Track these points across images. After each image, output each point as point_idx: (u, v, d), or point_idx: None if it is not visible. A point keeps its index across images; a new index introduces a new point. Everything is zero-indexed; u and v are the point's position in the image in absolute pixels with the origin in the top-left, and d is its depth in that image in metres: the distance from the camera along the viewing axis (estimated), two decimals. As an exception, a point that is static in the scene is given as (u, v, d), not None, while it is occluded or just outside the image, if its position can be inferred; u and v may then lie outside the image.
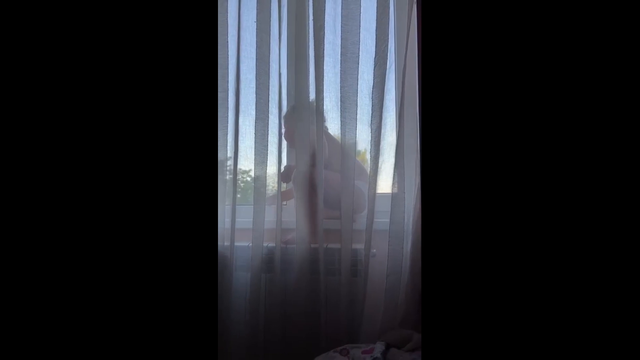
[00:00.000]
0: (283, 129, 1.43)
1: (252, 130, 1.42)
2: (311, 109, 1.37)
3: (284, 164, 1.44)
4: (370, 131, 1.30)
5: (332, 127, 1.38)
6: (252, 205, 1.41)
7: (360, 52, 1.31)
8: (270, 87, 1.40)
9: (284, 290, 1.35)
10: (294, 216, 1.38)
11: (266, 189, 1.42)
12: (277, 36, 1.41)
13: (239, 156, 1.45)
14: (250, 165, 1.43)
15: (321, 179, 1.34)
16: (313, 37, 1.35)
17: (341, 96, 1.31)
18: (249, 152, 1.44)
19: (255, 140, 1.41)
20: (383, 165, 1.31)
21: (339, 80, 1.32)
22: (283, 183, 1.46)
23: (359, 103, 1.31)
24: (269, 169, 1.42)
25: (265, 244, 1.39)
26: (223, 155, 1.48)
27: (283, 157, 1.43)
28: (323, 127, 1.37)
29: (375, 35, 1.29)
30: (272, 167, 1.42)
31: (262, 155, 1.41)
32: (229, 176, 1.46)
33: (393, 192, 1.28)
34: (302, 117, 1.38)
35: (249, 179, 1.47)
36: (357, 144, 1.34)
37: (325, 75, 1.34)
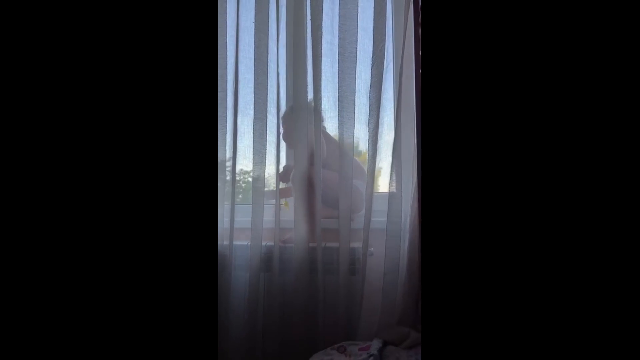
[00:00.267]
0: (281, 129, 1.44)
1: (251, 129, 1.43)
2: (309, 109, 1.37)
3: (282, 163, 1.45)
4: (367, 130, 1.31)
5: (330, 126, 1.39)
6: (251, 205, 1.41)
7: (357, 51, 1.32)
8: (268, 87, 1.41)
9: (282, 289, 1.36)
10: (292, 215, 1.38)
11: (264, 189, 1.43)
12: (275, 36, 1.42)
13: (238, 156, 1.46)
14: (250, 165, 1.44)
15: (319, 179, 1.35)
16: (311, 37, 1.36)
17: (339, 96, 1.32)
18: (248, 151, 1.45)
19: (253, 140, 1.42)
20: (380, 164, 1.32)
21: (336, 79, 1.33)
22: (281, 182, 1.46)
23: (356, 102, 1.32)
24: (267, 169, 1.42)
25: (264, 243, 1.40)
26: (223, 156, 1.49)
27: (282, 156, 1.44)
28: (321, 126, 1.38)
29: (372, 35, 1.30)
30: (270, 167, 1.43)
31: (261, 155, 1.42)
32: (229, 177, 1.47)
33: (390, 191, 1.28)
34: (300, 117, 1.39)
35: (250, 179, 1.48)
36: (355, 144, 1.34)
37: (323, 75, 1.35)
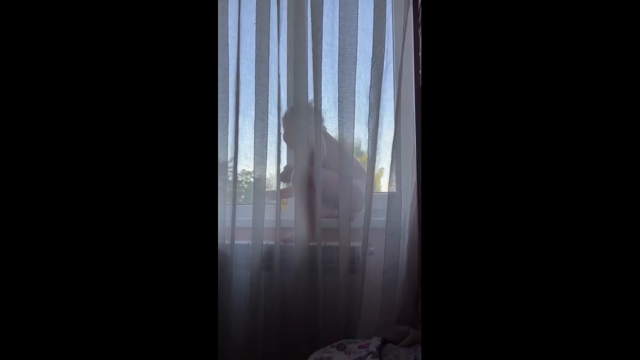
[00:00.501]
0: (282, 130, 1.45)
1: (252, 130, 1.45)
2: (309, 109, 1.39)
3: (283, 163, 1.47)
4: (367, 130, 1.32)
5: (330, 126, 1.40)
6: (252, 205, 1.43)
7: (357, 52, 1.33)
8: (269, 87, 1.42)
9: (283, 288, 1.37)
10: (293, 215, 1.40)
11: (265, 189, 1.44)
12: (276, 38, 1.44)
13: (239, 156, 1.48)
14: (252, 166, 1.46)
15: (319, 179, 1.36)
16: (311, 39, 1.37)
17: (339, 96, 1.34)
18: (249, 151, 1.46)
19: (254, 140, 1.44)
20: (380, 164, 1.33)
21: (337, 80, 1.34)
22: (282, 182, 1.47)
23: (356, 103, 1.33)
24: (268, 169, 1.44)
25: (264, 242, 1.41)
26: (224, 157, 1.51)
27: (282, 156, 1.45)
28: (321, 127, 1.39)
29: (372, 36, 1.31)
30: (271, 167, 1.44)
31: (262, 155, 1.43)
32: (231, 177, 1.48)
33: (390, 191, 1.29)
34: (300, 118, 1.40)
35: (251, 179, 1.49)
36: (355, 144, 1.36)
37: (323, 75, 1.36)
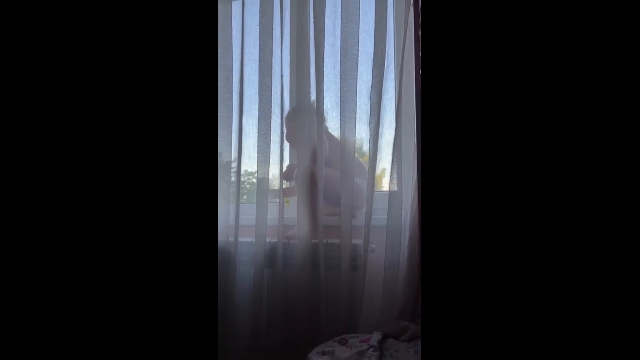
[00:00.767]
0: (285, 130, 1.48)
1: (255, 129, 1.48)
2: (312, 109, 1.41)
3: (285, 162, 1.49)
4: (368, 130, 1.34)
5: (332, 126, 1.42)
6: (255, 204, 1.45)
7: (359, 53, 1.36)
8: (272, 88, 1.45)
9: (285, 284, 1.39)
10: (295, 213, 1.42)
11: (268, 188, 1.47)
12: (280, 39, 1.46)
13: (243, 155, 1.50)
14: (254, 166, 1.49)
15: (321, 177, 1.38)
16: (314, 40, 1.40)
17: (341, 96, 1.36)
18: (252, 150, 1.49)
19: (258, 139, 1.47)
20: (381, 162, 1.35)
21: (338, 80, 1.37)
22: (285, 181, 1.50)
23: (358, 102, 1.36)
24: (271, 168, 1.46)
25: (267, 240, 1.43)
26: (228, 157, 1.54)
27: (285, 155, 1.48)
28: (323, 126, 1.42)
29: (373, 37, 1.34)
30: (274, 166, 1.47)
31: (265, 154, 1.46)
32: (234, 178, 1.51)
33: (391, 189, 1.31)
34: (303, 118, 1.43)
35: (254, 180, 1.52)
36: (357, 144, 1.38)
37: (325, 76, 1.39)
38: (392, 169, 1.32)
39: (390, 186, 1.32)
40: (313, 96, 1.41)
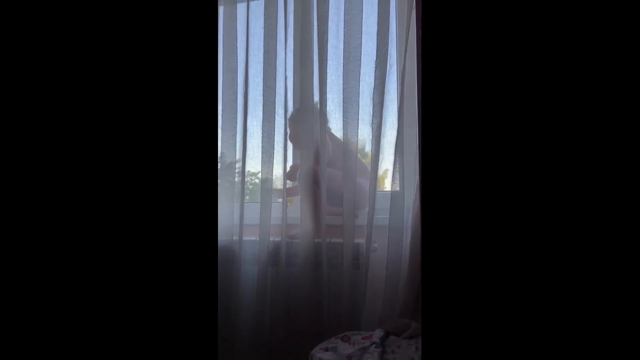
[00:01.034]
0: (288, 131, 1.50)
1: (260, 130, 1.50)
2: (315, 110, 1.44)
3: (289, 162, 1.51)
4: (371, 130, 1.36)
5: (335, 126, 1.44)
6: (259, 203, 1.47)
7: (362, 55, 1.38)
8: (276, 89, 1.47)
9: (289, 282, 1.41)
10: (298, 212, 1.44)
11: (272, 187, 1.49)
12: (284, 41, 1.49)
13: (247, 156, 1.53)
14: (258, 166, 1.51)
15: (324, 177, 1.40)
16: (317, 42, 1.42)
17: (343, 97, 1.38)
18: (257, 151, 1.51)
19: (262, 140, 1.49)
20: (383, 163, 1.37)
21: (341, 82, 1.39)
22: (288, 181, 1.52)
23: (360, 103, 1.38)
24: (275, 169, 1.49)
25: (271, 239, 1.45)
26: (232, 158, 1.56)
27: (289, 156, 1.50)
28: (326, 127, 1.44)
29: (376, 39, 1.36)
30: (278, 167, 1.49)
31: (269, 155, 1.48)
32: (238, 178, 1.53)
33: (393, 189, 1.33)
34: (306, 119, 1.45)
35: (257, 180, 1.54)
36: (360, 145, 1.40)
37: (328, 77, 1.41)
38: (394, 169, 1.33)
39: (392, 186, 1.34)
40: (316, 97, 1.43)
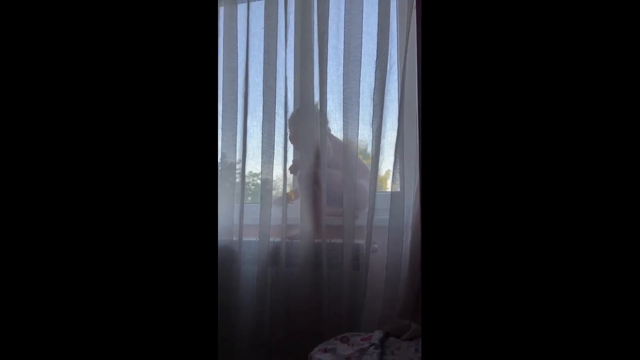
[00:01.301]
0: (288, 131, 1.50)
1: (260, 131, 1.50)
2: (315, 111, 1.43)
3: (289, 163, 1.51)
4: (371, 131, 1.36)
5: (335, 127, 1.44)
6: (260, 204, 1.48)
7: (362, 55, 1.38)
8: (277, 89, 1.47)
9: (288, 283, 1.41)
10: (298, 213, 1.44)
11: (272, 189, 1.49)
12: (284, 42, 1.49)
13: (247, 156, 1.53)
14: (258, 167, 1.51)
15: (325, 178, 1.40)
16: (317, 42, 1.42)
17: (344, 97, 1.38)
18: (257, 151, 1.51)
19: (262, 141, 1.49)
20: (384, 163, 1.37)
21: (341, 82, 1.39)
22: (290, 180, 1.52)
23: (360, 104, 1.38)
24: (275, 169, 1.49)
25: (271, 239, 1.45)
26: (232, 159, 1.56)
27: (289, 156, 1.50)
28: (326, 128, 1.43)
29: (376, 39, 1.36)
30: (278, 167, 1.49)
31: (269, 155, 1.48)
32: (238, 179, 1.53)
33: (393, 190, 1.33)
34: (306, 119, 1.45)
35: (258, 181, 1.54)
36: (360, 146, 1.39)
37: (328, 77, 1.41)
38: (394, 170, 1.33)
39: (392, 187, 1.33)
40: (316, 98, 1.43)
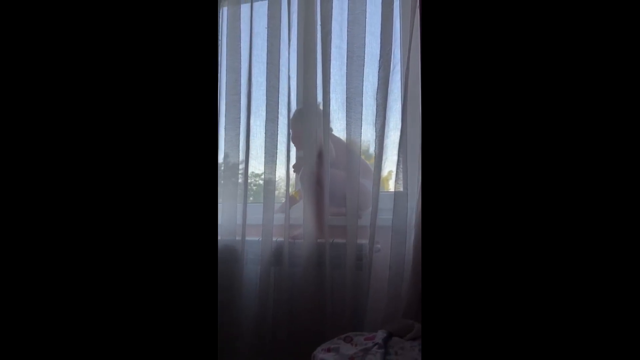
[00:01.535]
0: (290, 132, 1.50)
1: (263, 130, 1.50)
2: (317, 111, 1.43)
3: (292, 163, 1.51)
4: (374, 130, 1.36)
5: (338, 126, 1.44)
6: (262, 204, 1.48)
7: (365, 55, 1.38)
8: (280, 89, 1.47)
9: (291, 282, 1.40)
10: (301, 213, 1.44)
11: (275, 189, 1.49)
12: (287, 41, 1.49)
13: (250, 156, 1.52)
14: (261, 167, 1.51)
15: (327, 178, 1.40)
16: (321, 42, 1.42)
17: (347, 97, 1.38)
18: (260, 151, 1.51)
19: (265, 140, 1.49)
20: (387, 163, 1.37)
21: (345, 82, 1.39)
22: (292, 180, 1.51)
23: (364, 103, 1.37)
24: (278, 169, 1.49)
25: (274, 239, 1.45)
26: (236, 159, 1.56)
27: (292, 156, 1.50)
28: (329, 128, 1.43)
29: (380, 39, 1.36)
30: (281, 167, 1.49)
31: (272, 155, 1.48)
32: (241, 179, 1.53)
33: (396, 190, 1.32)
34: (308, 120, 1.45)
35: (261, 181, 1.54)
36: (363, 146, 1.39)
37: (332, 77, 1.41)
38: (397, 170, 1.33)
39: (396, 187, 1.33)
40: (320, 97, 1.43)
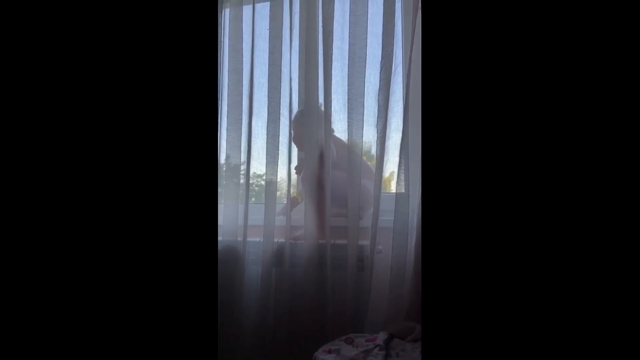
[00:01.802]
0: (292, 133, 1.50)
1: (264, 131, 1.50)
2: (319, 112, 1.43)
3: (293, 164, 1.51)
4: (376, 132, 1.36)
5: (340, 128, 1.44)
6: (264, 205, 1.47)
7: (367, 56, 1.38)
8: (281, 90, 1.48)
9: (292, 283, 1.40)
10: (302, 214, 1.43)
11: (277, 190, 1.49)
12: (289, 43, 1.49)
13: (252, 157, 1.53)
14: (263, 168, 1.51)
15: (329, 179, 1.40)
16: (322, 43, 1.42)
17: (348, 98, 1.38)
18: (261, 152, 1.52)
19: (267, 141, 1.49)
20: (388, 164, 1.36)
21: (346, 83, 1.39)
22: (294, 181, 1.51)
23: (365, 105, 1.37)
24: (279, 170, 1.49)
25: (275, 240, 1.45)
26: (237, 160, 1.56)
27: (293, 157, 1.50)
28: (330, 129, 1.43)
29: (381, 40, 1.36)
30: (282, 167, 1.49)
31: (273, 156, 1.48)
32: (243, 180, 1.53)
33: (398, 191, 1.32)
34: (310, 121, 1.45)
35: (263, 182, 1.54)
36: (365, 147, 1.39)
37: (333, 78, 1.41)
38: (399, 171, 1.33)
39: (397, 188, 1.33)
40: (321, 99, 1.43)
